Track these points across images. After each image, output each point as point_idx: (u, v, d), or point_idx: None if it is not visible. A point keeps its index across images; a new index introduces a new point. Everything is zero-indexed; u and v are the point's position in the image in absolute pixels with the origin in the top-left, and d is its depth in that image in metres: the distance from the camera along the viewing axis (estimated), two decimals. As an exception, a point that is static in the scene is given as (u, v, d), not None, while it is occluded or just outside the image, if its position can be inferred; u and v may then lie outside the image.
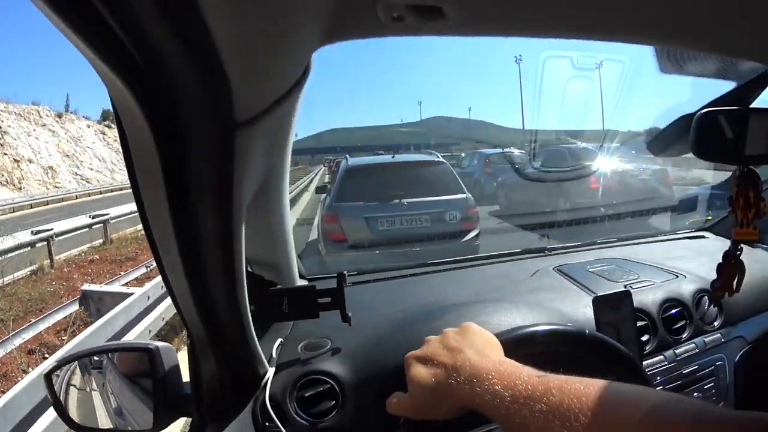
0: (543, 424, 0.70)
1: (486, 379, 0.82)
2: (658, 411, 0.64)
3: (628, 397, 0.68)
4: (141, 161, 0.75)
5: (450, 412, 0.87)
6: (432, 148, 11.80)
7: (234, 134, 0.74)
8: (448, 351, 0.91)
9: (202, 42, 0.58)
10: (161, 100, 0.65)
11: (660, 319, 1.72)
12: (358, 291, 1.89)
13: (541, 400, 0.72)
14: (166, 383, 1.24)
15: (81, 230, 16.58)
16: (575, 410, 0.68)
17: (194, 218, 0.83)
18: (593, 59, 9.63)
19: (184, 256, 0.88)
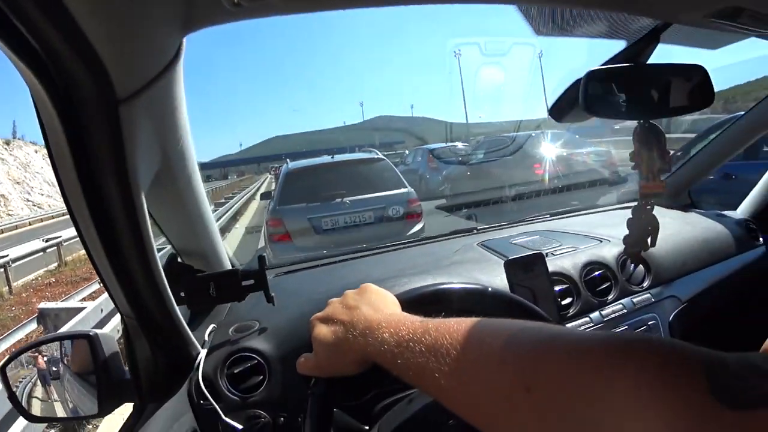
0: (421, 363, 0.72)
1: (376, 329, 0.84)
2: (518, 338, 0.65)
3: (493, 329, 0.69)
4: (55, 146, 0.86)
5: (351, 366, 0.89)
6: (377, 148, 11.78)
7: (117, 109, 0.84)
8: (347, 309, 0.94)
9: (75, 31, 0.68)
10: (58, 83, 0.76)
11: (582, 282, 1.75)
12: (290, 279, 1.97)
13: (420, 341, 0.74)
14: (107, 369, 1.25)
15: (36, 254, 16.43)
16: (447, 346, 0.70)
17: (101, 194, 0.92)
18: (533, 48, 9.75)
19: (100, 234, 0.97)
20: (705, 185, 6.88)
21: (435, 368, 0.69)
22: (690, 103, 1.26)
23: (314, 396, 0.94)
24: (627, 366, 0.51)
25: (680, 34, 1.21)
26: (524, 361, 0.61)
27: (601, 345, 0.56)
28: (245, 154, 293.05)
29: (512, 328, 0.68)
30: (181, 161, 1.21)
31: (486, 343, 0.67)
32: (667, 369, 0.49)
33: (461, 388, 0.67)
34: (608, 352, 0.54)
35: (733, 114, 2.44)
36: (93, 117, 0.83)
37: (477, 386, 0.65)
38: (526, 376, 0.59)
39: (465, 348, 0.68)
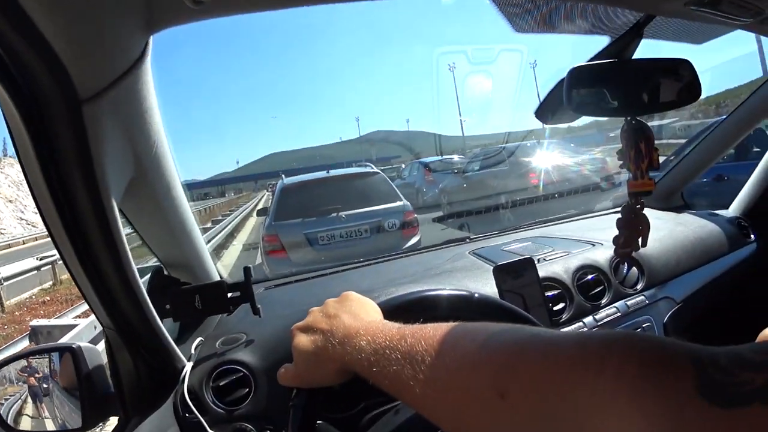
0: (396, 370, 0.70)
1: (355, 337, 0.82)
2: (492, 340, 0.63)
3: (469, 332, 0.68)
4: (20, 144, 0.86)
5: (331, 376, 0.87)
6: (374, 163, 11.84)
7: (80, 109, 0.84)
8: (326, 318, 0.92)
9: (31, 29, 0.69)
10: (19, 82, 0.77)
11: (575, 286, 1.74)
12: (279, 292, 1.96)
13: (396, 348, 0.72)
14: (91, 382, 1.25)
15: (30, 273, 16.34)
16: (422, 352, 0.68)
17: (69, 198, 0.91)
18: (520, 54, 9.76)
19: (73, 243, 0.97)
20: (698, 187, 6.89)
21: (410, 376, 0.68)
22: (677, 97, 1.25)
23: (295, 407, 0.92)
24: (605, 366, 0.49)
25: (664, 29, 1.21)
26: (498, 365, 0.59)
27: (577, 345, 0.54)
28: (242, 171, 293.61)
29: (488, 330, 0.66)
30: (157, 169, 1.19)
31: (461, 347, 0.65)
32: (649, 366, 0.47)
33: (436, 395, 0.65)
34: (585, 354, 0.53)
35: (724, 117, 2.48)
36: (56, 117, 0.83)
37: (452, 393, 0.63)
38: (500, 381, 0.57)
39: (440, 353, 0.67)
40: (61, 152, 0.87)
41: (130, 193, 1.10)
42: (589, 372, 0.50)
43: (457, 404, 0.62)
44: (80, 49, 0.79)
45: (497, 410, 0.57)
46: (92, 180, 0.91)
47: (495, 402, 0.57)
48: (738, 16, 0.89)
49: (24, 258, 19.33)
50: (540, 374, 0.54)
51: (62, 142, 0.86)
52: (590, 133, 17.20)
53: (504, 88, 25.03)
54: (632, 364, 0.48)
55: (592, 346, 0.53)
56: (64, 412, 1.31)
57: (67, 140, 0.86)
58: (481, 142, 51.26)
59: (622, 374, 0.47)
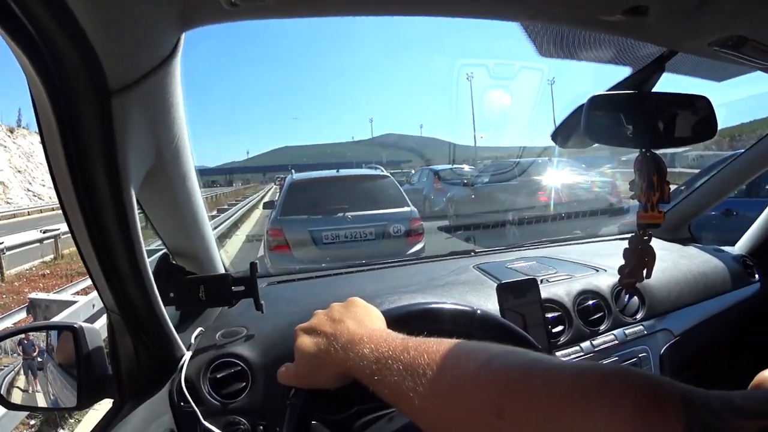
0: (397, 381, 0.71)
1: (358, 343, 0.83)
2: (494, 362, 0.64)
3: (471, 350, 0.69)
4: (45, 127, 0.87)
5: (331, 379, 0.88)
6: (384, 166, 11.80)
7: (110, 100, 0.86)
8: (331, 321, 0.93)
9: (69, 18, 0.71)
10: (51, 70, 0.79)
11: (575, 310, 1.74)
12: (282, 288, 1.97)
13: (399, 359, 0.73)
14: (89, 363, 1.25)
15: (32, 245, 16.25)
16: (424, 366, 0.69)
17: (90, 184, 0.93)
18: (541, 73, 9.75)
19: (88, 226, 0.98)
20: (706, 221, 6.86)
21: (410, 388, 0.69)
22: (693, 134, 1.25)
23: (293, 407, 0.93)
24: (601, 400, 0.50)
25: (686, 64, 1.21)
26: (498, 386, 0.60)
27: (577, 376, 0.55)
28: (252, 162, 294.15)
29: (490, 351, 0.67)
30: (175, 160, 1.21)
31: (462, 365, 0.66)
32: (642, 405, 0.48)
33: (435, 409, 0.66)
34: (583, 384, 0.54)
35: (738, 151, 2.47)
36: (85, 106, 0.85)
37: (450, 409, 0.64)
38: (499, 403, 0.59)
39: (441, 369, 0.68)
40: (86, 139, 0.88)
41: (147, 181, 1.11)
42: (585, 403, 0.51)
43: (455, 420, 0.63)
44: (115, 42, 0.80)
45: (493, 429, 0.58)
46: (114, 168, 0.93)
47: (492, 422, 0.58)
48: (759, 60, 0.90)
49: (28, 229, 19.29)
50: (539, 400, 0.55)
51: (88, 130, 0.87)
52: (603, 154, 17.18)
53: (521, 104, 24.94)
54: (627, 400, 0.49)
55: (590, 378, 0.54)
56: (57, 389, 1.32)
57: (93, 129, 0.88)
58: (493, 154, 51.12)
59: (617, 409, 0.48)
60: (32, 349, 1.35)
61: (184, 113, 1.14)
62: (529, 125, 16.17)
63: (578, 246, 2.55)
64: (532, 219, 8.82)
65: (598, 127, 1.20)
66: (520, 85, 12.32)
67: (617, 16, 0.80)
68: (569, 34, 1.03)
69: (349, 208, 7.70)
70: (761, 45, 0.82)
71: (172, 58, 0.95)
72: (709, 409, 0.45)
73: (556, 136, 1.36)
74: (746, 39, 0.81)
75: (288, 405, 0.93)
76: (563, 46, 1.07)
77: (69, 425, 4.97)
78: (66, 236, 16.67)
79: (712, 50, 0.87)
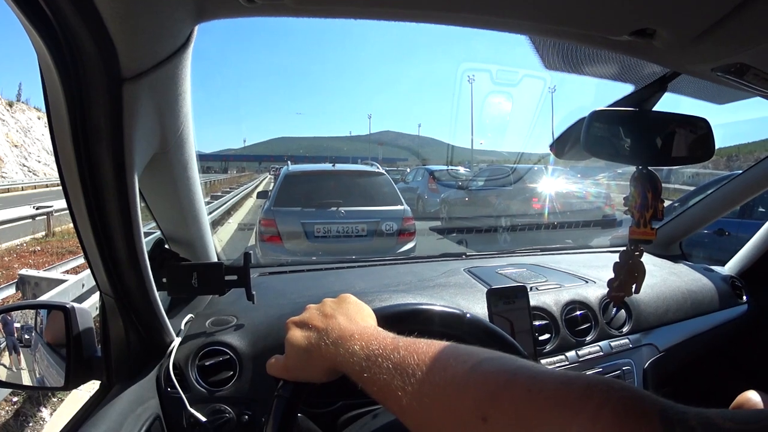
0: (386, 379, 0.72)
1: (349, 340, 0.84)
2: (482, 366, 0.65)
3: (460, 354, 0.70)
4: (54, 109, 0.89)
5: (320, 373, 0.89)
6: (380, 163, 11.80)
7: (121, 87, 0.88)
8: (323, 316, 0.94)
9: (87, 4, 0.72)
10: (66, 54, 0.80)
11: (563, 320, 1.76)
12: (274, 280, 1.98)
13: (389, 357, 0.74)
14: (79, 343, 1.26)
15: (24, 220, 16.10)
16: (413, 366, 0.70)
17: (95, 166, 0.94)
18: (544, 82, 9.74)
19: (89, 207, 0.99)
20: (698, 239, 6.89)
21: (399, 386, 0.70)
22: (690, 154, 1.27)
23: (280, 398, 0.93)
24: (584, 409, 0.51)
25: (688, 85, 1.23)
26: (484, 390, 0.61)
27: (561, 384, 0.56)
28: (248, 150, 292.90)
29: (478, 356, 0.68)
30: (179, 149, 1.22)
31: (451, 368, 0.67)
32: (622, 417, 0.49)
33: (421, 409, 0.67)
34: (567, 393, 0.55)
35: (734, 172, 2.49)
36: (97, 91, 0.86)
37: (437, 410, 0.65)
38: (484, 406, 0.60)
39: (430, 370, 0.69)
40: (95, 123, 0.90)
41: (149, 167, 1.13)
42: (568, 411, 0.52)
43: (440, 421, 0.64)
44: (132, 31, 0.82)
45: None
46: (119, 152, 0.94)
47: (477, 425, 0.59)
48: (760, 87, 0.91)
49: (20, 205, 19.17)
50: (523, 405, 0.56)
51: (98, 114, 0.89)
52: (599, 165, 17.16)
53: (521, 111, 24.94)
54: (607, 411, 0.50)
55: (573, 387, 0.55)
56: (44, 368, 1.32)
57: (103, 114, 0.89)
58: (490, 158, 51.05)
59: (597, 419, 0.50)
60: (14, 327, 1.35)
61: (190, 103, 1.15)
62: (528, 132, 16.15)
63: (569, 256, 2.56)
64: (525, 226, 8.85)
65: (597, 142, 1.21)
66: (521, 93, 12.32)
67: (624, 37, 0.81)
68: (575, 49, 1.04)
69: (342, 203, 7.68)
70: (762, 73, 0.84)
71: (185, 49, 0.96)
72: (687, 426, 0.46)
73: (555, 147, 1.38)
74: (749, 67, 0.82)
75: (275, 396, 0.94)
76: (568, 60, 1.08)
77: (52, 404, 4.94)
78: (58, 214, 16.59)
79: (715, 75, 0.89)
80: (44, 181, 44.07)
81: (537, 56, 1.06)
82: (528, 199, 11.15)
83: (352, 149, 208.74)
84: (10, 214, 15.97)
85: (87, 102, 0.87)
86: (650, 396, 0.52)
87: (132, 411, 1.18)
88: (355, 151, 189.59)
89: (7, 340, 1.35)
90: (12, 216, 15.69)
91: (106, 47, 0.81)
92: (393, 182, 8.78)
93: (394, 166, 42.21)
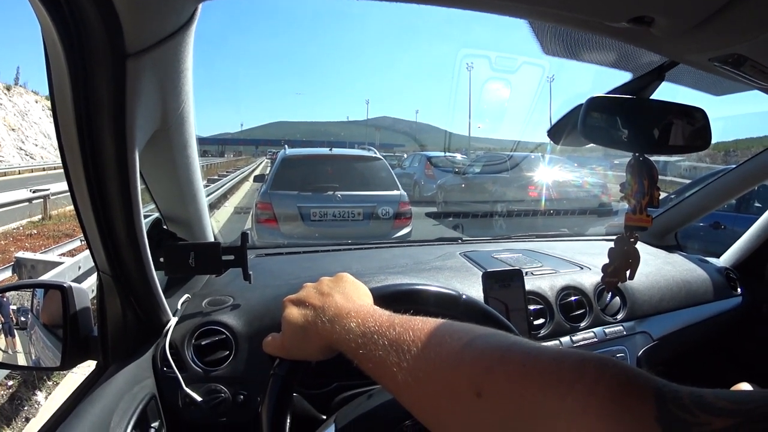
0: (382, 356, 0.73)
1: (345, 317, 0.85)
2: (477, 342, 0.66)
3: (456, 331, 0.71)
4: (57, 84, 0.89)
5: (316, 351, 0.89)
6: (377, 148, 11.79)
7: (125, 62, 0.88)
8: (320, 294, 0.94)
9: None
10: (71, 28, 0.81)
11: (557, 305, 1.77)
12: (270, 261, 1.99)
13: (385, 334, 0.75)
14: (76, 323, 1.25)
15: (21, 204, 15.98)
16: (409, 342, 0.71)
17: (96, 142, 0.95)
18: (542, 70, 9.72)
19: (89, 183, 0.99)
20: (693, 231, 6.92)
21: (394, 363, 0.70)
22: (687, 143, 1.27)
23: (276, 377, 0.94)
24: (578, 384, 0.52)
25: (686, 75, 1.23)
26: (479, 366, 0.62)
27: (555, 360, 0.57)
28: (245, 134, 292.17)
29: (474, 332, 0.69)
30: (179, 127, 1.23)
31: (446, 344, 0.68)
32: (616, 392, 0.50)
33: (416, 385, 0.68)
34: (561, 368, 0.55)
35: (730, 166, 2.50)
36: (100, 66, 0.87)
37: (431, 385, 0.66)
38: (478, 381, 0.60)
39: (425, 346, 0.70)
40: (97, 99, 0.90)
41: (149, 145, 1.13)
42: (562, 385, 0.53)
43: (435, 396, 0.65)
44: (137, 6, 0.82)
45: (472, 407, 0.60)
46: (121, 128, 0.95)
47: (471, 400, 0.60)
48: (757, 79, 0.92)
49: (17, 188, 19.04)
50: (517, 380, 0.57)
51: (101, 90, 0.89)
52: (596, 155, 17.19)
53: (519, 99, 24.93)
54: (602, 385, 0.51)
55: (568, 362, 0.56)
56: (39, 349, 1.31)
57: (106, 89, 0.90)
58: (487, 146, 50.98)
59: (591, 393, 0.50)
60: (9, 309, 1.34)
61: (191, 81, 1.15)
62: (525, 120, 16.19)
63: (564, 243, 2.57)
64: (521, 212, 8.85)
65: (594, 128, 1.21)
66: (519, 80, 12.30)
67: (622, 24, 0.81)
68: (573, 35, 1.05)
69: (339, 187, 7.70)
70: (760, 65, 0.84)
71: (189, 26, 0.97)
72: (680, 403, 0.46)
73: (551, 133, 1.38)
74: (746, 58, 0.83)
75: (271, 375, 0.94)
76: (567, 46, 1.08)
77: (47, 388, 4.94)
78: (55, 197, 16.51)
79: (713, 65, 0.89)
80: (41, 165, 43.70)
81: (536, 41, 1.06)
82: (524, 186, 11.15)
83: (349, 134, 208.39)
84: (7, 197, 15.85)
85: (90, 77, 0.88)
86: (644, 373, 0.52)
87: (128, 390, 1.18)
88: (353, 137, 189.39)
89: (3, 322, 1.35)
90: (8, 200, 15.58)
91: (111, 22, 0.81)
92: (390, 167, 8.78)
93: (391, 152, 42.12)
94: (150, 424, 1.23)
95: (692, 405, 0.46)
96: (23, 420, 4.50)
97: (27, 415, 4.57)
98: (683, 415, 0.45)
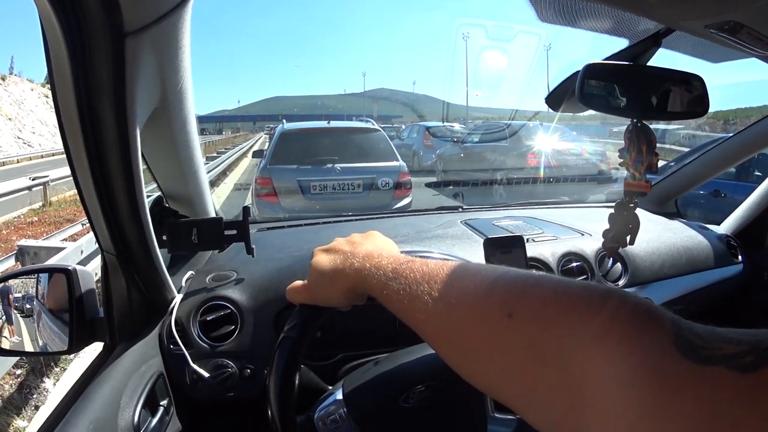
0: (413, 288, 0.74)
1: (376, 257, 0.86)
2: (510, 272, 0.68)
3: (489, 266, 0.74)
4: (57, 67, 0.90)
5: (342, 295, 0.90)
6: (376, 120, 11.77)
7: (123, 41, 0.89)
8: (350, 244, 0.95)
9: None
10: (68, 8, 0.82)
11: (559, 271, 1.78)
12: (272, 235, 2.00)
13: (417, 269, 0.77)
14: (81, 305, 1.26)
15: (21, 192, 15.95)
16: (443, 276, 0.73)
17: (97, 122, 0.96)
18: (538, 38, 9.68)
19: (91, 162, 1.00)
20: (693, 199, 6.92)
21: (426, 292, 0.72)
22: (684, 109, 1.28)
23: (287, 338, 0.94)
24: (602, 310, 0.55)
25: (682, 42, 1.23)
26: (512, 290, 0.64)
27: (582, 287, 0.60)
28: (242, 111, 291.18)
29: (506, 267, 0.71)
30: (178, 104, 1.23)
31: (480, 274, 0.70)
32: (637, 318, 0.53)
33: (447, 311, 0.69)
34: (589, 295, 0.58)
35: (729, 134, 2.50)
36: (99, 45, 0.88)
37: (463, 311, 0.68)
38: (511, 303, 0.62)
39: (459, 278, 0.72)
40: (97, 78, 0.91)
41: (149, 122, 1.13)
42: (590, 310, 0.56)
43: (465, 320, 0.67)
44: None
45: (502, 328, 0.62)
46: (121, 107, 0.96)
47: (501, 320, 0.62)
48: (754, 47, 0.92)
49: (16, 177, 18.96)
50: (548, 302, 0.60)
51: (100, 69, 0.90)
52: (594, 124, 17.16)
53: (516, 67, 24.95)
54: (624, 311, 0.53)
55: (594, 291, 0.58)
56: (45, 334, 1.32)
57: (105, 68, 0.90)
58: (485, 115, 50.80)
59: (615, 317, 0.53)
60: (8, 296, 1.34)
61: (189, 58, 1.16)
62: (523, 89, 16.19)
63: (565, 210, 2.57)
64: (521, 180, 8.84)
65: (591, 94, 1.22)
66: (516, 49, 12.29)
67: None
68: (569, 2, 1.05)
69: (338, 160, 7.72)
70: (756, 33, 0.84)
71: (186, 3, 0.98)
72: (694, 331, 0.50)
73: (549, 100, 1.38)
74: (742, 25, 0.83)
75: (282, 337, 0.94)
76: (562, 12, 1.07)
77: (54, 374, 4.98)
78: (54, 183, 16.49)
79: (709, 32, 0.89)
80: (39, 152, 43.41)
81: (531, 8, 1.06)
82: (523, 154, 11.15)
83: (347, 107, 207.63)
84: (7, 187, 15.76)
85: (89, 56, 0.88)
86: (662, 308, 0.55)
87: (136, 369, 1.20)
88: (350, 109, 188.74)
89: (9, 310, 1.36)
90: (8, 189, 15.50)
91: (109, 2, 0.82)
92: (389, 138, 8.77)
93: (389, 123, 41.98)
94: (159, 402, 1.24)
95: (705, 333, 0.49)
96: (33, 408, 4.53)
97: (36, 403, 4.60)
98: (697, 341, 0.48)
